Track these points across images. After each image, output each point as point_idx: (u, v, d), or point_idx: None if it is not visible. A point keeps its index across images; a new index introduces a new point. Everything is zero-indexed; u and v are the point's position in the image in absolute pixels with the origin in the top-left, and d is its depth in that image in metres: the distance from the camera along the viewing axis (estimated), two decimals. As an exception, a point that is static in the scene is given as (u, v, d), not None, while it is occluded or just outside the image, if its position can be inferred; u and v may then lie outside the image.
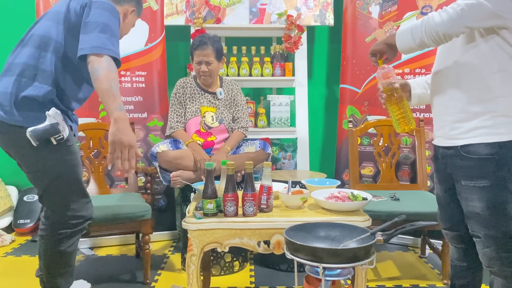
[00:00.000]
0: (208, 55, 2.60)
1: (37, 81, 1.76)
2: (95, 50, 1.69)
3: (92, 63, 1.69)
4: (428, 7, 2.97)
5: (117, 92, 1.70)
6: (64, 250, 1.89)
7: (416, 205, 2.39)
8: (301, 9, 3.14)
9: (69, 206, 1.85)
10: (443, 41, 1.47)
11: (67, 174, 1.83)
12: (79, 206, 1.89)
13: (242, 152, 2.63)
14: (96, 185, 2.83)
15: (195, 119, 2.69)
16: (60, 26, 1.80)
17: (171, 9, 3.09)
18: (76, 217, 1.88)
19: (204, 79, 2.66)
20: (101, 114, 3.06)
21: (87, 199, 1.93)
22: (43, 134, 1.71)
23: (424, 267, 2.71)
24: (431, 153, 2.99)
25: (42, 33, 1.80)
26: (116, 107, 1.69)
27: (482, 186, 1.50)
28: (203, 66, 2.61)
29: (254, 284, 2.45)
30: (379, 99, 1.76)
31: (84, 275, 2.60)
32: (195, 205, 1.83)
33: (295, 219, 1.68)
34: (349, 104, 3.20)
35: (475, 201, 1.52)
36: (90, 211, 1.95)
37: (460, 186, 1.58)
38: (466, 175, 1.54)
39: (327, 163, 3.55)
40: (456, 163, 1.57)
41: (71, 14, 1.80)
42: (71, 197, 1.86)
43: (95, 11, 1.75)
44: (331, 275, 1.41)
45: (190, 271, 1.71)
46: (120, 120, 1.68)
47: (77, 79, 1.88)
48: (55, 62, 1.79)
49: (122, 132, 1.68)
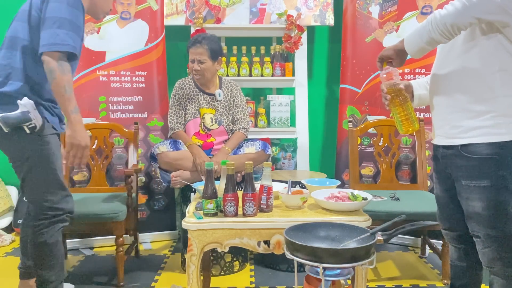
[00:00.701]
0: (201, 54, 2.60)
1: (11, 79, 1.85)
2: (48, 48, 1.76)
3: (46, 63, 1.77)
4: (428, 7, 2.97)
5: (72, 94, 1.81)
6: (45, 242, 1.92)
7: (416, 205, 2.39)
8: (301, 9, 3.14)
9: (46, 197, 1.90)
10: (452, 33, 1.45)
11: (42, 164, 1.88)
12: (58, 198, 1.92)
13: (243, 152, 2.63)
14: (96, 183, 2.85)
15: (194, 121, 2.69)
16: (25, 24, 1.86)
17: (171, 9, 3.09)
18: (53, 209, 1.92)
19: (197, 77, 2.66)
20: (101, 114, 3.06)
21: (65, 192, 1.96)
22: (14, 121, 1.79)
23: (424, 267, 2.71)
24: (431, 153, 2.99)
25: (11, 34, 1.89)
26: (72, 110, 1.81)
27: (482, 186, 1.50)
28: (195, 64, 2.62)
29: (254, 284, 2.45)
30: (383, 101, 1.75)
31: (84, 275, 2.60)
32: (195, 205, 1.83)
33: (295, 219, 1.68)
34: (349, 104, 3.20)
35: (475, 201, 1.52)
36: (71, 205, 1.98)
37: (460, 186, 1.58)
38: (467, 175, 1.53)
39: (327, 163, 3.55)
40: (456, 163, 1.57)
41: (33, 11, 1.84)
42: (48, 188, 1.91)
43: (52, 5, 1.79)
44: (331, 275, 1.41)
45: (190, 271, 1.71)
46: (76, 122, 1.82)
47: None
48: (24, 59, 1.86)
49: (79, 134, 1.84)
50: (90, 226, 2.41)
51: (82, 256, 2.90)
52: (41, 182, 1.90)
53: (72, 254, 2.93)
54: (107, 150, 2.87)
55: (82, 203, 2.46)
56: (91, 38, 3.03)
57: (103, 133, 2.88)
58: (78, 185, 2.99)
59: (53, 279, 1.97)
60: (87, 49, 3.01)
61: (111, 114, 3.08)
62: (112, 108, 3.09)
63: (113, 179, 3.05)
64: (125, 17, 3.08)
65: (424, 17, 2.95)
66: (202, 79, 2.68)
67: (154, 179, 3.14)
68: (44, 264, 1.95)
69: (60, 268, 2.00)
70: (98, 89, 3.04)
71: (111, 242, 3.02)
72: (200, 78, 2.66)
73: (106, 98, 3.06)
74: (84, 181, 3.01)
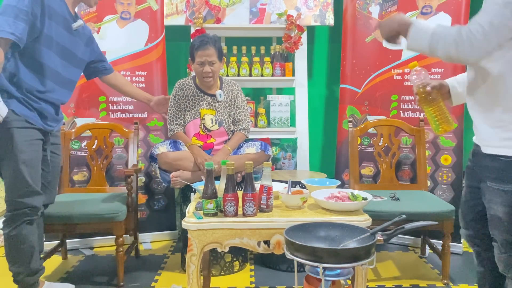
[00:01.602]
0: (211, 55, 2.57)
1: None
2: None
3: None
4: (428, 7, 2.97)
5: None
6: (8, 234, 1.96)
7: (416, 205, 2.39)
8: (301, 9, 3.14)
9: (8, 190, 1.93)
10: (456, 62, 1.43)
11: (7, 155, 1.91)
12: (20, 193, 1.94)
13: (243, 153, 2.62)
14: (96, 183, 2.85)
15: (195, 122, 2.68)
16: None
17: (171, 9, 3.09)
18: (15, 203, 1.94)
19: (207, 80, 2.62)
20: (101, 114, 3.06)
21: (29, 188, 1.97)
22: None
23: (424, 267, 2.71)
24: (431, 153, 2.99)
25: None
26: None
27: (506, 190, 1.46)
28: (206, 67, 2.57)
29: (254, 284, 2.45)
30: (416, 102, 1.71)
31: (84, 275, 2.60)
32: (195, 205, 1.83)
33: (295, 219, 1.69)
34: (349, 104, 3.20)
35: (497, 204, 1.49)
36: (36, 202, 1.99)
37: (485, 187, 1.55)
38: (493, 177, 1.50)
39: (327, 163, 3.55)
40: (484, 163, 1.54)
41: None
42: (11, 180, 1.93)
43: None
44: (331, 275, 1.42)
45: (190, 271, 1.71)
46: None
47: (31, 64, 1.95)
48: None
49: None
50: (90, 226, 2.41)
51: (82, 256, 2.90)
52: (6, 174, 1.93)
53: (72, 254, 2.93)
54: (107, 150, 2.87)
55: (82, 203, 2.46)
56: (91, 38, 3.03)
57: (103, 133, 2.88)
58: (78, 185, 2.99)
59: (20, 270, 2.01)
60: (87, 49, 3.02)
61: (111, 114, 3.08)
62: (112, 108, 3.09)
63: (113, 179, 3.05)
64: (125, 17, 3.08)
65: (424, 17, 2.95)
66: (212, 81, 2.65)
67: (154, 179, 3.14)
68: (9, 256, 2.00)
69: (27, 261, 2.02)
70: (98, 89, 3.04)
71: (111, 242, 3.01)
72: (211, 80, 2.63)
73: (106, 98, 3.06)
74: (84, 181, 3.01)
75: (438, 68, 2.95)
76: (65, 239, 2.82)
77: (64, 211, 2.36)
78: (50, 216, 2.31)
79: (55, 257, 2.79)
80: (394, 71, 3.06)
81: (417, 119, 2.90)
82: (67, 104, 2.69)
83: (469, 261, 2.78)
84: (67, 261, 2.83)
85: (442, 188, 2.97)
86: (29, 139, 1.96)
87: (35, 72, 1.97)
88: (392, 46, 1.71)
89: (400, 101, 3.07)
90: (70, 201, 2.50)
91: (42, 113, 2.00)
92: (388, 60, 3.07)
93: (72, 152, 2.95)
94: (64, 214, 2.35)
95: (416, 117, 2.99)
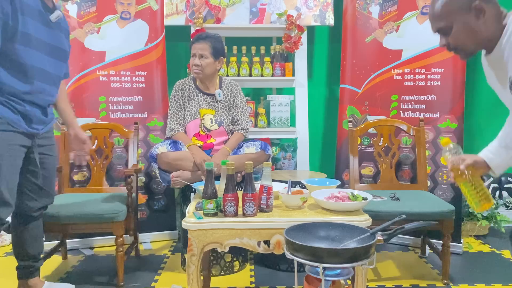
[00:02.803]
0: (203, 49, 2.59)
1: None
2: None
3: None
4: (428, 7, 2.96)
5: None
6: None
7: (416, 205, 2.39)
8: (301, 9, 3.14)
9: None
10: None
11: None
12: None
13: (243, 153, 2.62)
14: (96, 183, 2.85)
15: (194, 122, 2.68)
16: None
17: (171, 9, 3.09)
18: None
19: (196, 72, 2.63)
20: (101, 114, 3.06)
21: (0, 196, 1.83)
22: None
23: (424, 267, 2.71)
24: (431, 153, 2.99)
25: None
26: None
27: None
28: (196, 59, 2.60)
29: (254, 284, 2.45)
30: (451, 179, 1.66)
31: (84, 275, 2.60)
32: (195, 205, 1.83)
33: (295, 219, 1.69)
34: (349, 104, 3.20)
35: None
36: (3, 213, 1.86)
37: None
38: None
39: (327, 163, 3.55)
40: None
41: None
42: None
43: None
44: (331, 275, 1.41)
45: (190, 271, 1.71)
46: None
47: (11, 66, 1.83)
48: None
49: None
50: (90, 226, 2.41)
51: (82, 256, 2.90)
52: None
53: (72, 254, 2.93)
54: (107, 150, 2.87)
55: (82, 203, 2.46)
56: (91, 38, 3.03)
57: (103, 133, 2.88)
58: (78, 185, 2.99)
59: None
60: (87, 49, 3.01)
61: (111, 114, 3.08)
62: (112, 108, 3.08)
63: (113, 179, 3.05)
64: (125, 17, 3.08)
65: (424, 17, 2.95)
66: (201, 75, 2.64)
67: (154, 179, 3.14)
68: None
69: None
70: (98, 89, 3.04)
71: (111, 242, 3.01)
72: (200, 73, 2.63)
73: (106, 98, 3.06)
74: (84, 181, 3.01)
75: (438, 68, 2.95)
76: (65, 239, 2.82)
77: (64, 211, 2.36)
78: (50, 216, 2.31)
79: (55, 257, 2.80)
80: (394, 71, 3.06)
81: (417, 119, 2.90)
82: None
83: (469, 261, 2.78)
84: (67, 261, 2.83)
85: (442, 188, 2.97)
86: (8, 143, 1.83)
87: (16, 74, 1.83)
88: None
89: (400, 101, 3.07)
90: (70, 201, 2.49)
91: (26, 115, 1.89)
92: (388, 60, 3.07)
93: (72, 152, 2.95)
94: (64, 214, 2.34)
95: (416, 117, 2.99)
